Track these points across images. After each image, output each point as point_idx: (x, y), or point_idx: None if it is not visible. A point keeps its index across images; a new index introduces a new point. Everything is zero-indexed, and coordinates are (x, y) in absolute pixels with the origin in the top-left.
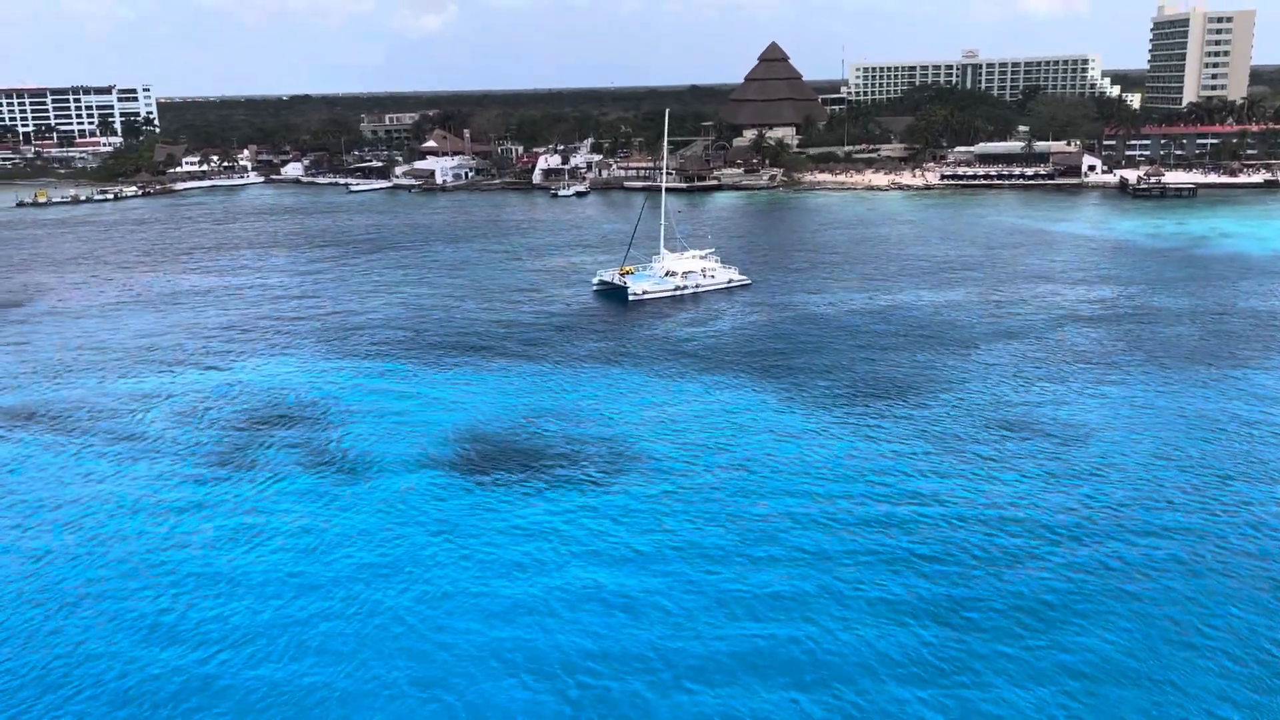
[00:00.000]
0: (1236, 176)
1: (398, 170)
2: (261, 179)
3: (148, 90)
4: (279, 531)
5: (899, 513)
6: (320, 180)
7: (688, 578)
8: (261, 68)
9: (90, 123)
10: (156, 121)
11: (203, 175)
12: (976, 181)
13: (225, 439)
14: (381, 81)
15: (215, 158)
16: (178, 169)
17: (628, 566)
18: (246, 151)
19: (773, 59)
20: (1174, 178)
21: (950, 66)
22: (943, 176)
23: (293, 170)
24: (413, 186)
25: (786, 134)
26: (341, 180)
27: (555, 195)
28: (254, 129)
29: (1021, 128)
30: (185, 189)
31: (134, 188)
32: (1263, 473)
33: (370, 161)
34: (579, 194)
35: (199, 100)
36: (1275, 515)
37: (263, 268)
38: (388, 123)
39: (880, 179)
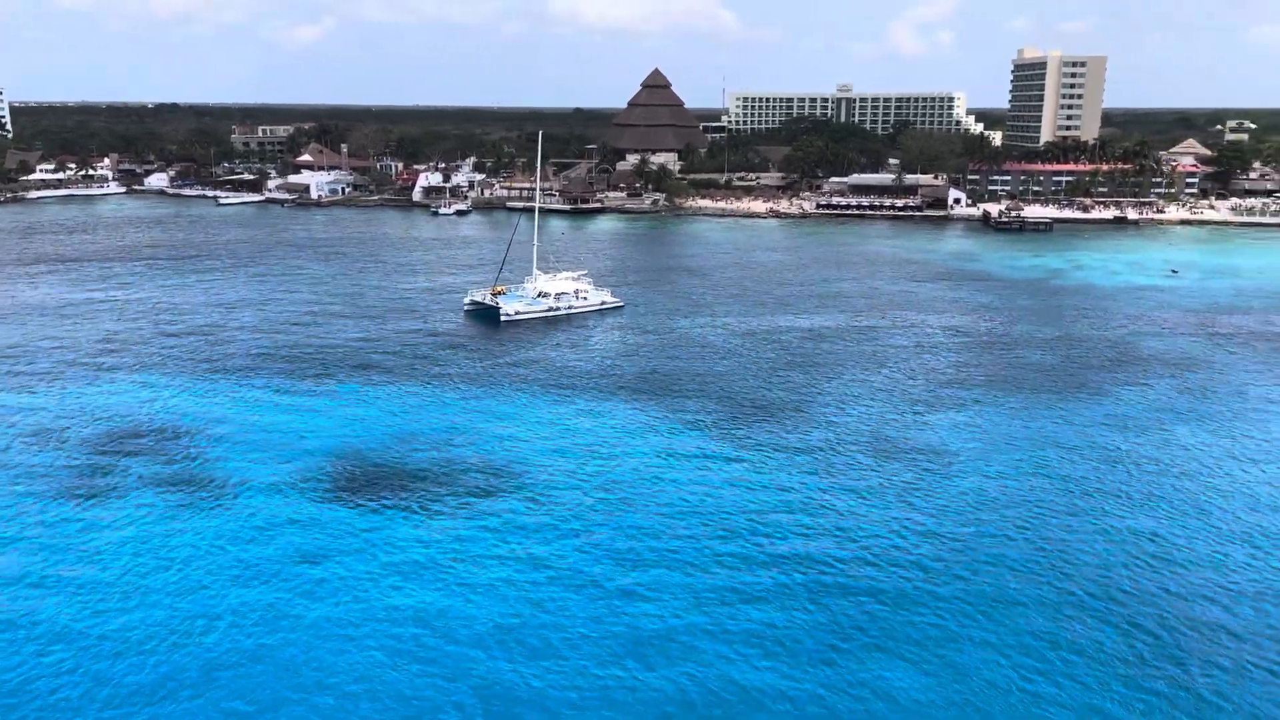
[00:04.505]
0: (1089, 212)
1: (270, 184)
2: (123, 189)
3: None
4: (120, 557)
5: (761, 533)
6: (187, 192)
7: (555, 600)
8: (125, 74)
9: None
10: (9, 126)
11: (59, 184)
12: (850, 211)
13: (70, 461)
14: (254, 93)
15: (73, 166)
16: (31, 176)
17: (489, 592)
18: (107, 160)
19: (656, 85)
20: (1032, 212)
21: (826, 99)
22: (818, 205)
23: (157, 181)
24: (286, 201)
25: (669, 160)
26: (210, 192)
27: (436, 213)
28: (116, 137)
29: (892, 160)
30: (39, 198)
31: None
32: (1103, 492)
33: (241, 174)
34: (460, 212)
35: (56, 106)
36: (1099, 533)
37: (119, 281)
38: (260, 135)
39: (759, 206)
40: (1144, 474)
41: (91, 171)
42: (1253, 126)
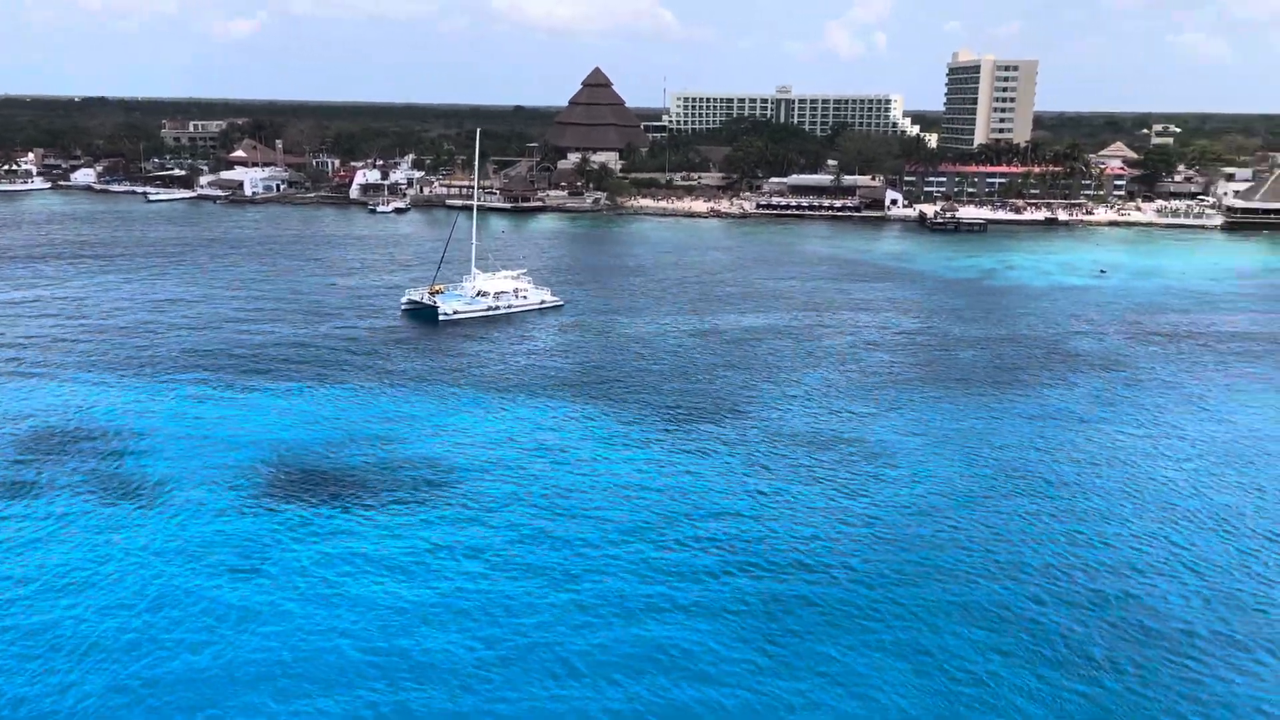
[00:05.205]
0: (1021, 214)
1: (203, 180)
2: (48, 185)
3: None
4: (33, 561)
5: (695, 535)
6: (115, 188)
7: (487, 605)
8: (50, 67)
9: None
10: None
11: None
12: (789, 211)
13: None
14: (186, 87)
15: None
16: None
17: (423, 595)
18: (31, 155)
19: (596, 84)
20: (967, 213)
21: (765, 100)
22: (758, 205)
23: (84, 177)
24: (218, 197)
25: (610, 159)
26: (139, 189)
27: (373, 211)
28: (40, 131)
29: (831, 161)
30: None
31: None
32: (1030, 492)
33: (172, 170)
34: (398, 210)
35: None
36: (1023, 522)
37: (44, 279)
38: (192, 130)
39: (700, 206)
40: (1069, 472)
41: (14, 167)
42: (1178, 130)
